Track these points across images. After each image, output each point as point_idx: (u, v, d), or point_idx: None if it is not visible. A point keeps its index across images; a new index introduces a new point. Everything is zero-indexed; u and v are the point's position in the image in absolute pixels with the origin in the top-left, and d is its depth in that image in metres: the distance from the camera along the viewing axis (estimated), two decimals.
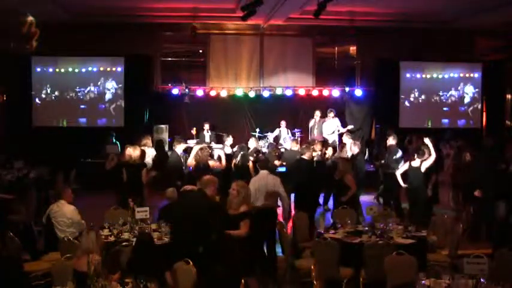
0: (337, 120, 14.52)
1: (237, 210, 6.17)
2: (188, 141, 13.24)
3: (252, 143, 11.39)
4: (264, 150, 13.26)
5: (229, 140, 11.64)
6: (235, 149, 11.11)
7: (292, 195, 9.20)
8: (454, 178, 10.48)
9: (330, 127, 14.45)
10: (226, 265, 5.58)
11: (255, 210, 6.32)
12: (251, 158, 10.41)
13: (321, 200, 10.98)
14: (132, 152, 9.08)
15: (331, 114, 14.45)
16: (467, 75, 16.40)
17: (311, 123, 14.60)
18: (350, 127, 14.40)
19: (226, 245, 5.84)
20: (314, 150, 10.54)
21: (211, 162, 9.58)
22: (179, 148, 10.40)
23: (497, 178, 8.91)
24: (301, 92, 15.55)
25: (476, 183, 8.99)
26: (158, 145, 13.19)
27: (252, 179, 7.95)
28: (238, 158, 10.24)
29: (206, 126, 14.23)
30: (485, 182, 8.88)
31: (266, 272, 7.10)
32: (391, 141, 10.72)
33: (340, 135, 13.61)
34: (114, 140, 13.64)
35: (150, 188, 9.66)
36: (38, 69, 15.02)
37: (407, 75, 16.16)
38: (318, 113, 14.47)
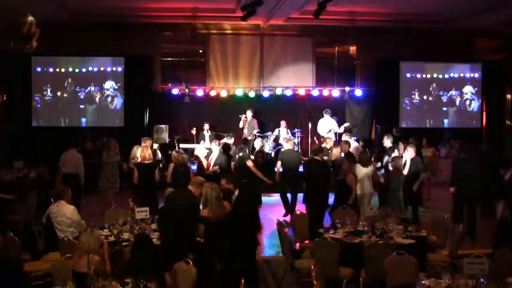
0: (333, 120, 14.52)
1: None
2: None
3: (258, 143, 11.30)
4: (267, 150, 13.22)
5: (230, 140, 11.61)
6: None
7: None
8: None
9: (327, 127, 14.44)
10: (226, 265, 5.58)
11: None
12: (252, 157, 10.38)
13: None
14: (145, 151, 9.43)
15: (327, 115, 14.47)
16: (467, 75, 16.41)
17: (241, 124, 14.46)
18: (346, 125, 14.40)
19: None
20: (328, 150, 10.46)
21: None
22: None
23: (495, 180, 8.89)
24: (301, 92, 15.54)
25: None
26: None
27: None
28: (236, 158, 10.21)
29: (206, 126, 14.26)
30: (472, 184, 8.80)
31: None
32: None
33: (340, 135, 13.59)
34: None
35: None
36: (38, 69, 15.02)
37: (407, 75, 16.16)
38: (249, 113, 14.46)
